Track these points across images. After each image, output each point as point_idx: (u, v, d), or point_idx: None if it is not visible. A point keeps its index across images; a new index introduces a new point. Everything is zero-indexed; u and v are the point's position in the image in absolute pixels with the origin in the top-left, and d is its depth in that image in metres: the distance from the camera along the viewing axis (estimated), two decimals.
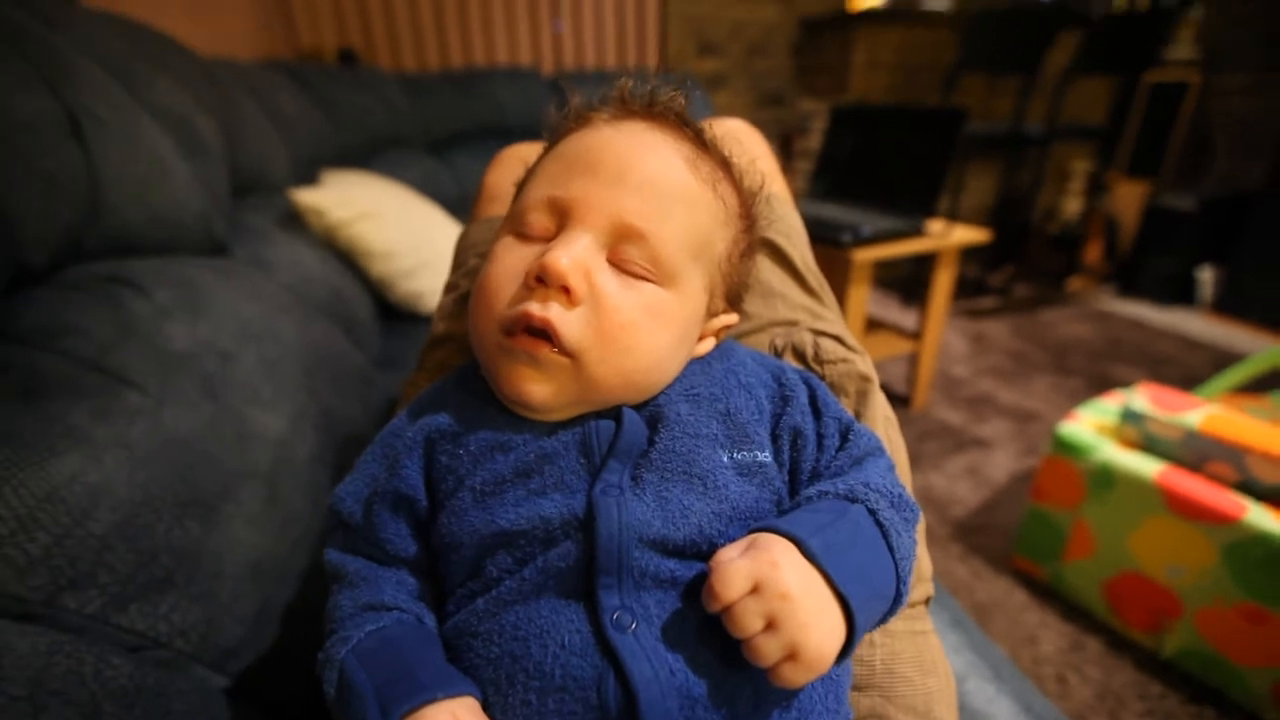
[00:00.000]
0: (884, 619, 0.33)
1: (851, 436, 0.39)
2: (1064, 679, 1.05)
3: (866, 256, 1.49)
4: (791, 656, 0.27)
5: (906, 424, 1.79)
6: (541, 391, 0.34)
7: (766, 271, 0.55)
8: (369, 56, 2.47)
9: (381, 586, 0.35)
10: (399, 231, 1.30)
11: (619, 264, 0.35)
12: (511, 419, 0.37)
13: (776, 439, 0.38)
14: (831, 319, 0.54)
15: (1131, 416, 1.08)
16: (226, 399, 0.55)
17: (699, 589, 0.30)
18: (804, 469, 0.38)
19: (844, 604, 0.29)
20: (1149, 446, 1.07)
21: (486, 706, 0.31)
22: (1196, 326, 2.40)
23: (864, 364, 0.49)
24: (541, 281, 0.34)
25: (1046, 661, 1.08)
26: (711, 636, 0.30)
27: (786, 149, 2.94)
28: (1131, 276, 2.71)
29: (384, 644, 0.32)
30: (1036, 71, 2.36)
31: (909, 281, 2.70)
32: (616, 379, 0.35)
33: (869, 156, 1.80)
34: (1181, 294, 2.56)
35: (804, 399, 0.40)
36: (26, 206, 0.50)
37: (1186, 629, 1.00)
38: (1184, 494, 0.97)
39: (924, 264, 1.73)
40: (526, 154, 0.54)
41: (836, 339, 0.50)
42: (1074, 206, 2.97)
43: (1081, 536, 1.12)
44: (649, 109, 0.40)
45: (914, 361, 1.84)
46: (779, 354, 0.50)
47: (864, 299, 1.59)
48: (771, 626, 0.27)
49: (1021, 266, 2.87)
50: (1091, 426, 1.14)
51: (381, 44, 2.49)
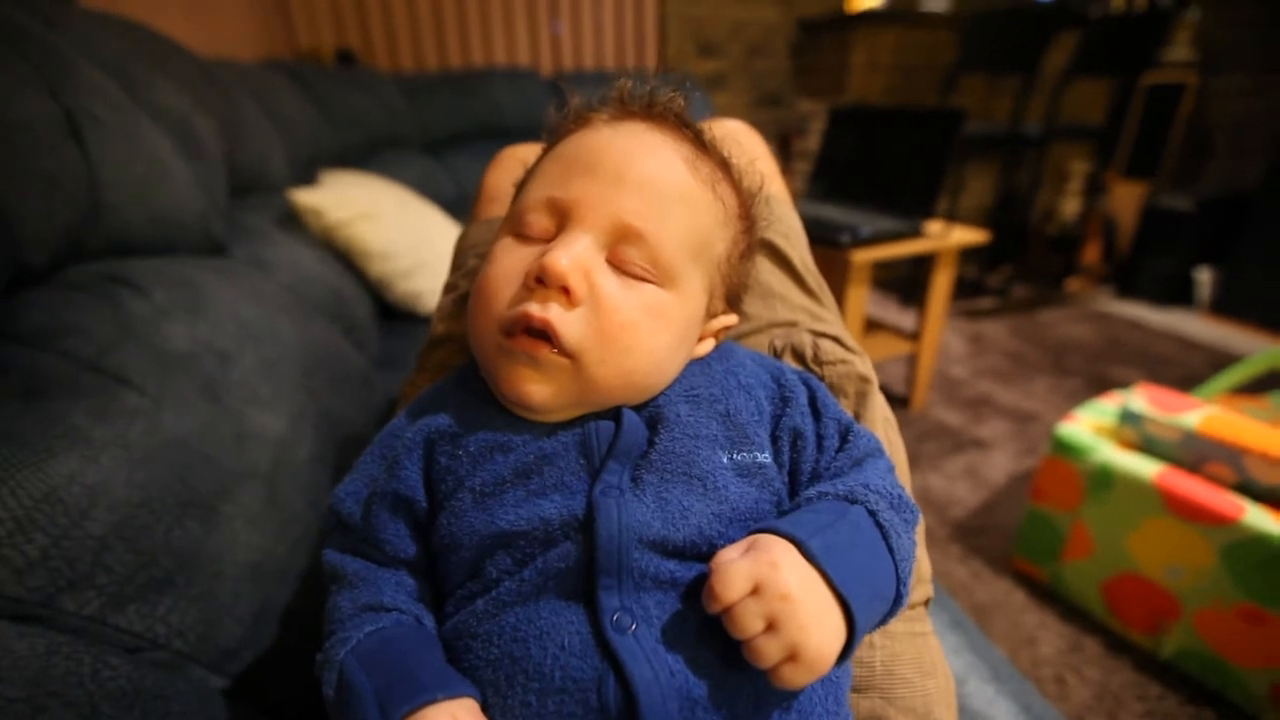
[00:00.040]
0: (884, 620, 0.33)
1: (851, 438, 0.39)
2: (1063, 680, 1.05)
3: (865, 257, 1.50)
4: (792, 658, 0.27)
5: (905, 425, 1.79)
6: (541, 392, 0.34)
7: (766, 272, 0.55)
8: (367, 57, 2.47)
9: (381, 587, 0.35)
10: (397, 232, 1.30)
11: (618, 265, 0.35)
12: (511, 420, 0.37)
13: (776, 440, 0.39)
14: (830, 320, 0.54)
15: (1130, 417, 1.08)
16: (225, 399, 0.54)
17: (699, 590, 0.30)
18: (803, 470, 0.38)
19: (844, 605, 0.29)
20: (1147, 447, 1.07)
21: (486, 708, 0.31)
22: (1195, 327, 2.41)
23: (863, 365, 0.49)
24: (541, 282, 0.34)
25: (1045, 663, 1.08)
26: (712, 638, 0.30)
27: (785, 149, 2.95)
28: (1130, 277, 2.72)
29: (383, 645, 0.32)
30: (1035, 72, 2.36)
31: (907, 282, 2.71)
32: (616, 379, 0.35)
33: (867, 157, 1.80)
34: (1180, 295, 2.57)
35: (803, 400, 0.40)
36: (26, 206, 0.50)
37: (1185, 630, 1.01)
38: (1182, 495, 0.97)
39: (922, 265, 1.73)
40: (526, 155, 0.54)
41: (836, 340, 0.50)
42: (1072, 207, 2.98)
43: (1080, 537, 1.12)
44: (648, 110, 0.40)
45: (913, 362, 1.84)
46: (778, 355, 0.50)
47: (863, 300, 1.59)
48: (772, 628, 0.27)
49: (1020, 267, 2.87)
50: (1090, 427, 1.14)
51: (380, 44, 2.49)
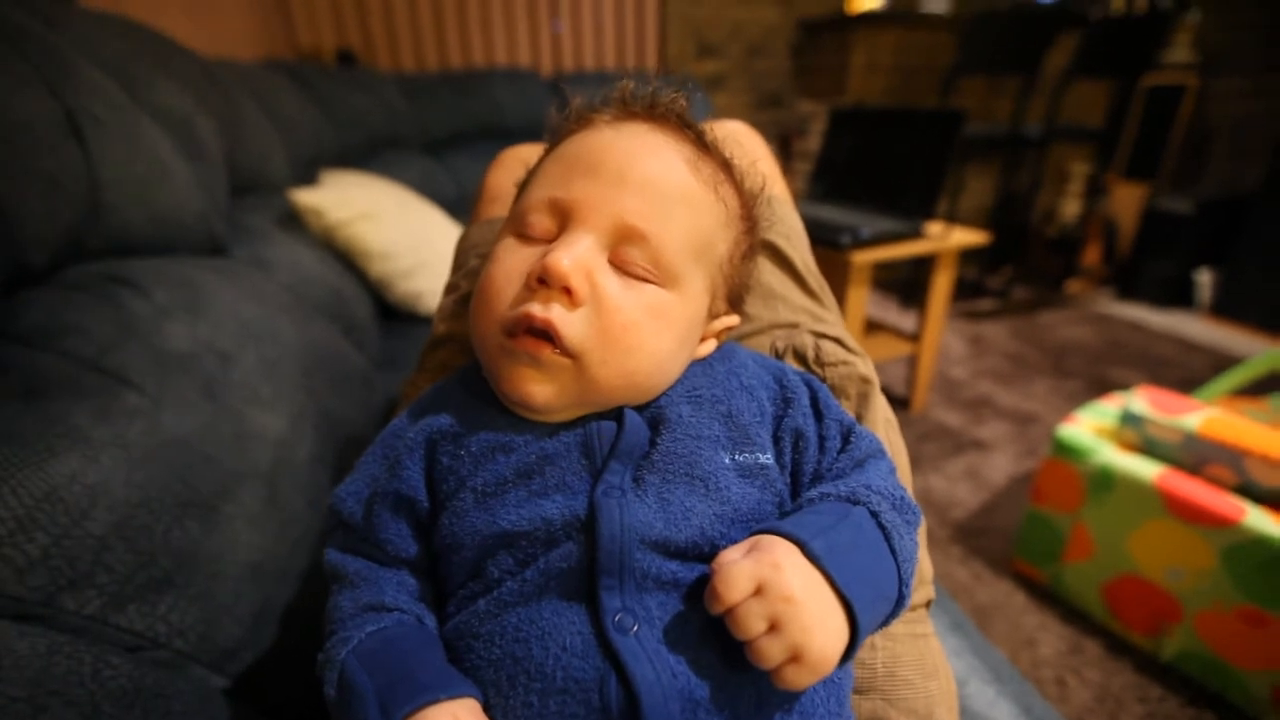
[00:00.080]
0: (886, 621, 0.33)
1: (853, 439, 0.39)
2: (1063, 682, 1.04)
3: (865, 258, 1.50)
4: (795, 659, 0.27)
5: (905, 426, 1.79)
6: (543, 392, 0.34)
7: (767, 273, 0.55)
8: (368, 57, 2.47)
9: (382, 587, 0.35)
10: (397, 232, 1.30)
11: (621, 265, 0.35)
12: (513, 420, 0.37)
13: (778, 441, 0.38)
14: (832, 321, 0.54)
15: (1130, 419, 1.08)
16: (226, 399, 0.54)
17: (701, 591, 0.30)
18: (805, 471, 0.38)
19: (847, 606, 0.29)
20: (1148, 449, 1.07)
21: (487, 708, 0.30)
22: (1195, 329, 2.41)
23: (865, 366, 0.49)
24: (543, 282, 0.34)
25: (1046, 664, 1.08)
26: (714, 639, 0.30)
27: (785, 150, 2.95)
28: (1130, 279, 2.72)
29: (385, 645, 0.32)
30: (1035, 73, 2.36)
31: (908, 283, 2.70)
32: (619, 380, 0.35)
33: (868, 158, 1.80)
34: (1180, 296, 2.57)
35: (805, 401, 0.40)
36: (26, 206, 0.50)
37: (1186, 632, 1.00)
38: (1183, 497, 0.97)
39: (923, 266, 1.73)
40: (527, 155, 0.54)
41: (837, 341, 0.50)
42: (1072, 209, 2.98)
43: (1081, 539, 1.12)
44: (651, 110, 0.40)
45: (913, 363, 1.84)
46: (780, 356, 0.50)
47: (863, 301, 1.59)
48: (775, 629, 0.27)
49: (1020, 269, 2.87)
50: (1090, 429, 1.14)
51: (380, 44, 2.49)
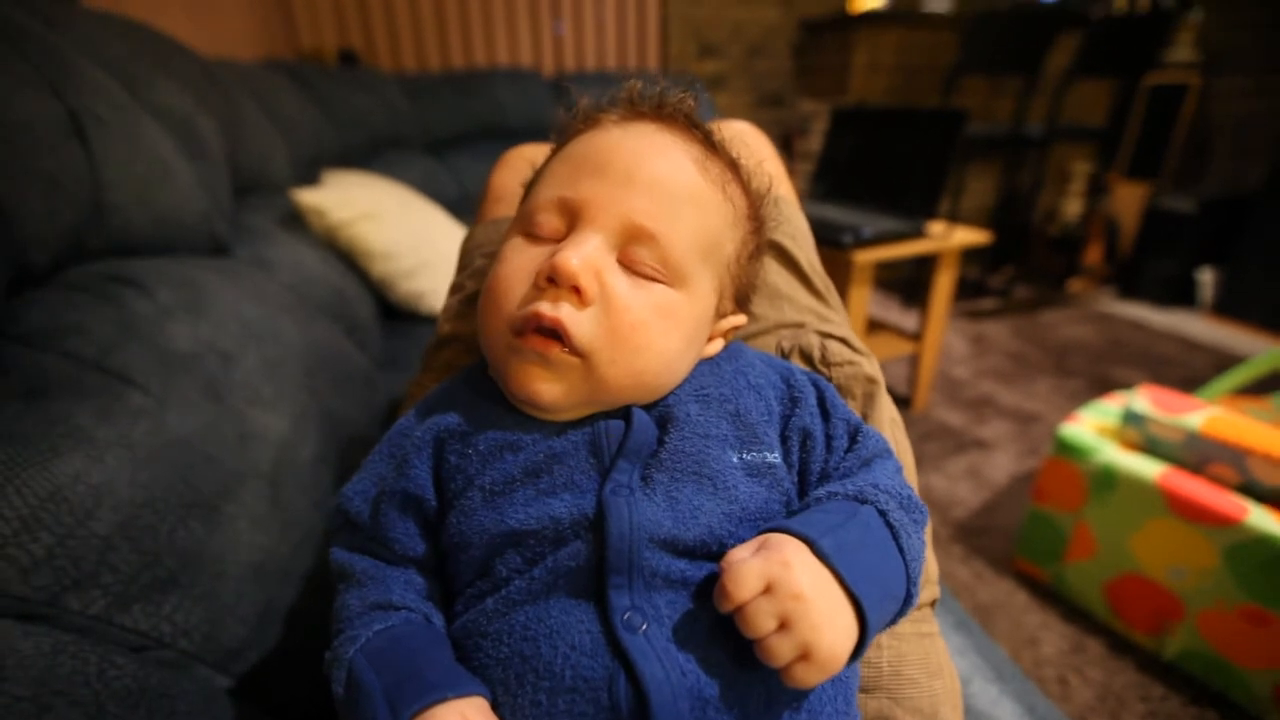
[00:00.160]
0: (894, 620, 0.33)
1: (860, 438, 0.39)
2: (1065, 681, 1.04)
3: (867, 258, 1.50)
4: (804, 657, 0.27)
5: (907, 425, 1.76)
6: (552, 391, 0.34)
7: (773, 274, 0.55)
8: (369, 57, 2.47)
9: (390, 586, 0.35)
10: (399, 232, 1.30)
11: (629, 265, 0.35)
12: (521, 419, 0.37)
13: (785, 440, 0.38)
14: (838, 321, 0.54)
15: (1132, 418, 1.08)
16: (228, 399, 0.54)
17: (710, 589, 0.30)
18: (813, 470, 0.38)
19: (856, 605, 0.29)
20: (1150, 448, 1.07)
21: (496, 707, 0.30)
22: (1197, 328, 2.41)
23: (870, 366, 0.49)
24: (552, 282, 0.34)
25: (1048, 663, 1.08)
26: (723, 637, 0.30)
27: (787, 150, 2.95)
28: (1132, 278, 2.72)
29: (392, 643, 0.32)
30: (1037, 73, 2.36)
31: (910, 283, 2.71)
32: (627, 379, 0.35)
33: (870, 158, 1.80)
34: (1182, 296, 2.57)
35: (812, 400, 0.40)
36: (28, 207, 0.50)
37: (1188, 631, 1.00)
38: (1185, 496, 0.97)
39: (925, 265, 1.73)
40: (532, 155, 0.54)
41: (843, 341, 0.50)
42: (1074, 208, 2.98)
43: (1083, 538, 1.12)
44: (658, 110, 0.40)
45: (915, 363, 1.84)
46: (786, 356, 0.50)
47: (865, 300, 1.59)
48: (784, 627, 0.27)
49: (1022, 268, 2.87)
50: (1093, 428, 1.14)
51: (382, 44, 2.49)
